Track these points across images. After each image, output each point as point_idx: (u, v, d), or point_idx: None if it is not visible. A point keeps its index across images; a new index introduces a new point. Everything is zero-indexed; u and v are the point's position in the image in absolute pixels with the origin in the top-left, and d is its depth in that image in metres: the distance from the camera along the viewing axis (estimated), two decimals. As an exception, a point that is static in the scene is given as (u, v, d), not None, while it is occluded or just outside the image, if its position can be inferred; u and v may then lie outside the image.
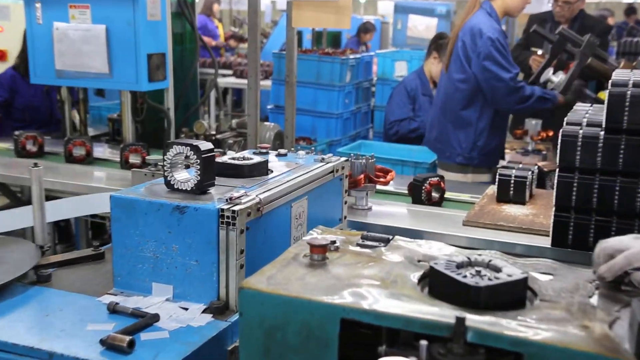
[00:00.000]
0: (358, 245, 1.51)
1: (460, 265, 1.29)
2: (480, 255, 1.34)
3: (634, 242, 1.35)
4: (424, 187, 2.87)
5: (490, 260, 1.30)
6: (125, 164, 3.49)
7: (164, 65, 3.71)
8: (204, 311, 1.68)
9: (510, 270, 1.25)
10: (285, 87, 3.79)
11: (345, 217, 2.37)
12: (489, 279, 1.21)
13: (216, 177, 1.83)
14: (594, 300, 1.26)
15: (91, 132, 4.55)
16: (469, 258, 1.32)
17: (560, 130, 2.10)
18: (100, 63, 3.60)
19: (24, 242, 2.03)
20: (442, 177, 2.93)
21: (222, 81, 7.49)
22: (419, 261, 1.42)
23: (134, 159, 3.50)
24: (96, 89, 5.06)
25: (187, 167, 1.92)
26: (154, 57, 3.63)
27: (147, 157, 2.26)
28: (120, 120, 4.03)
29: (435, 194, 2.89)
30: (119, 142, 3.90)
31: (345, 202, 2.36)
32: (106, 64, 3.60)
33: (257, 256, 1.75)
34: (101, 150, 3.99)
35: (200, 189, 1.76)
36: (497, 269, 1.27)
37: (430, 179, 2.88)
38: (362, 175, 2.69)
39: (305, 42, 9.13)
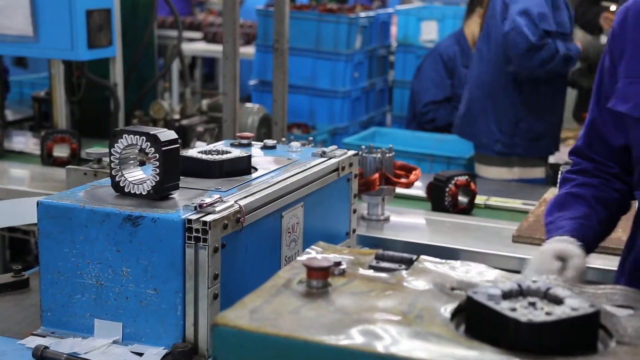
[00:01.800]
0: (371, 267, 1.53)
1: (507, 295, 1.31)
2: (535, 281, 1.36)
3: None
4: (447, 189, 2.88)
5: (548, 289, 1.32)
6: (47, 158, 3.50)
7: (109, 26, 3.73)
8: (164, 357, 1.70)
9: (576, 302, 1.27)
10: (273, 56, 3.81)
11: (354, 231, 2.39)
12: (547, 314, 1.23)
13: (181, 178, 1.85)
14: (688, 342, 1.28)
15: (9, 115, 4.57)
16: (520, 285, 1.34)
17: None
18: (22, 22, 3.62)
19: None
20: (472, 176, 2.95)
21: (189, 48, 7.50)
22: (452, 289, 1.44)
23: (59, 151, 3.51)
24: (16, 58, 5.07)
25: (142, 163, 1.94)
26: (96, 15, 3.65)
27: (87, 151, 2.27)
28: (49, 101, 4.05)
29: (462, 198, 2.91)
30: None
31: (355, 211, 2.38)
32: (30, 23, 3.62)
33: (237, 282, 1.77)
34: (23, 141, 4.01)
35: (160, 193, 1.78)
36: (558, 301, 1.29)
37: (456, 178, 2.89)
38: (376, 175, 2.71)
39: (300, -6, 9.14)
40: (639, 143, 1.88)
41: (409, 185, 2.79)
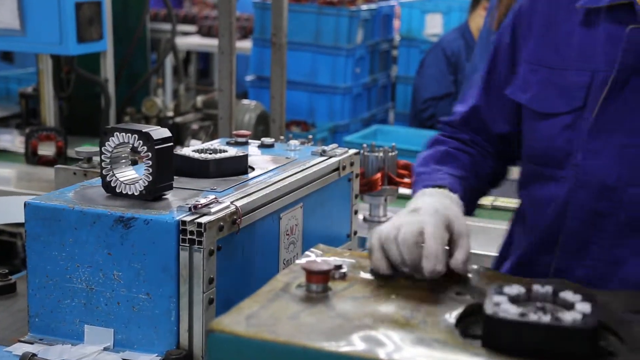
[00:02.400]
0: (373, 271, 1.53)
1: (515, 299, 1.31)
2: (543, 285, 1.36)
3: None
4: None
5: (557, 292, 1.32)
6: (32, 157, 3.50)
7: (100, 19, 3.73)
8: (157, 364, 1.70)
9: (585, 307, 1.27)
10: (271, 51, 3.82)
11: (355, 233, 2.39)
12: (556, 318, 1.24)
13: (175, 177, 1.85)
14: None
15: (-5, 112, 4.58)
16: (528, 289, 1.34)
17: None
18: (8, 15, 3.63)
19: None
20: None
21: (183, 42, 7.50)
22: (457, 294, 1.44)
23: (45, 149, 3.51)
24: (2, 52, 5.07)
25: (134, 163, 1.94)
26: (85, 7, 3.65)
27: (77, 149, 2.27)
28: (37, 97, 4.06)
29: None
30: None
31: (356, 212, 2.38)
32: (16, 16, 3.62)
33: (233, 287, 1.77)
34: (8, 139, 4.01)
35: (153, 194, 1.78)
36: (568, 305, 1.29)
37: None
38: (379, 175, 2.71)
39: (299, -14, 9.14)
40: (530, 137, 1.78)
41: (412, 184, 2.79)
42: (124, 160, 1.84)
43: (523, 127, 1.82)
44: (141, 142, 1.77)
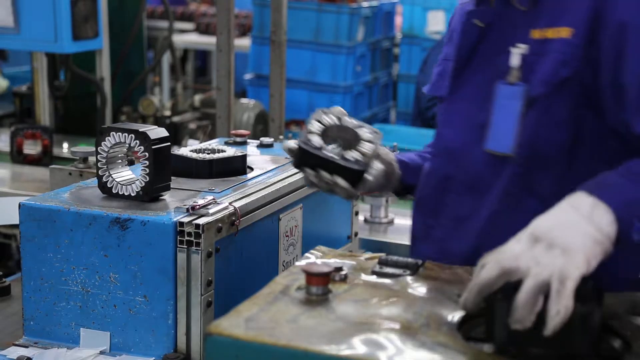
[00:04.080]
0: (374, 273, 1.53)
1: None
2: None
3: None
4: None
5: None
6: (17, 156, 3.50)
7: (95, 16, 3.74)
8: (154, 368, 1.70)
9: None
10: (270, 49, 3.82)
11: (356, 234, 2.39)
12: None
13: (172, 178, 1.86)
14: None
15: (-12, 111, 4.58)
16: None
17: None
18: (2, 12, 3.63)
19: None
20: None
21: (180, 39, 7.50)
22: (459, 296, 1.45)
23: (30, 148, 3.51)
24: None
25: (131, 163, 1.95)
26: (81, 4, 3.65)
27: (72, 149, 2.28)
28: (31, 96, 4.06)
29: None
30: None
31: (356, 213, 2.38)
32: (10, 13, 3.62)
33: (231, 289, 1.78)
34: (3, 139, 4.01)
35: (150, 195, 1.79)
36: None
37: None
38: (380, 175, 2.71)
39: (298, -18, 9.14)
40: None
41: (414, 185, 2.79)
42: (120, 161, 1.84)
43: None
44: (138, 141, 1.77)
